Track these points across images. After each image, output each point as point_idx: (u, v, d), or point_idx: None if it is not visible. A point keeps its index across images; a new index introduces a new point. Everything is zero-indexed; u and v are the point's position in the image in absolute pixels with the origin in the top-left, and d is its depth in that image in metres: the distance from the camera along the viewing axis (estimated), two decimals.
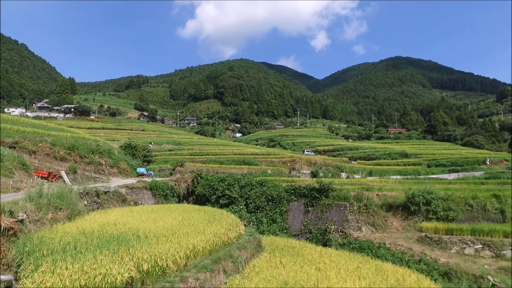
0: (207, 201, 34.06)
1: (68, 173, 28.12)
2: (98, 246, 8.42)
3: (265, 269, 11.40)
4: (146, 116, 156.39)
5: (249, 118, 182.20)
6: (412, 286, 10.30)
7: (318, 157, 65.98)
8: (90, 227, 11.92)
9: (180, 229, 12.49)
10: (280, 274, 10.63)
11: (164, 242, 9.96)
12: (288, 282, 9.66)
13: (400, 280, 10.77)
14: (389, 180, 42.28)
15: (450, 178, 51.62)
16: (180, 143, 78.29)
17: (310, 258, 13.40)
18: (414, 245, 22.42)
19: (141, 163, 46.00)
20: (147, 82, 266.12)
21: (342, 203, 27.07)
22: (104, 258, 7.29)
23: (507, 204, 26.55)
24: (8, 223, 9.66)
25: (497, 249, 21.12)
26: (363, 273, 11.26)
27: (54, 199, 15.19)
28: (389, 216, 27.04)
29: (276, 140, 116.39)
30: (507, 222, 25.51)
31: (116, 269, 6.76)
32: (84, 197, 21.02)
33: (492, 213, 26.17)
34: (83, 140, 36.35)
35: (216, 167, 47.07)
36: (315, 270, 11.35)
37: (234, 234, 13.80)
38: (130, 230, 11.35)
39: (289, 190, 30.33)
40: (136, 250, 8.34)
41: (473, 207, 26.31)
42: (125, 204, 25.60)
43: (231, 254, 11.57)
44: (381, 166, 61.60)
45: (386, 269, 12.19)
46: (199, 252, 10.43)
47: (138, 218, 15.31)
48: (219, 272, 10.01)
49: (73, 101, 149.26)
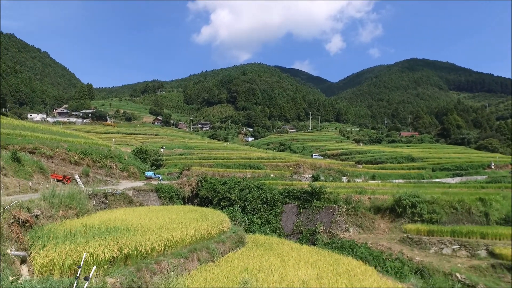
0: (210, 203, 36.26)
1: (81, 176, 30.94)
2: (92, 234, 10.71)
3: (236, 259, 13.45)
4: (161, 121, 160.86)
5: (261, 122, 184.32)
6: (357, 274, 12.13)
7: (323, 161, 67.49)
8: (92, 222, 14.25)
9: (168, 225, 14.69)
10: (246, 263, 12.67)
11: (149, 234, 12.16)
12: (249, 268, 11.69)
13: (348, 270, 12.61)
14: (387, 184, 43.43)
15: (453, 182, 52.26)
16: (191, 148, 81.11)
17: (280, 252, 15.36)
18: (395, 245, 23.94)
19: (150, 167, 48.75)
20: (162, 87, 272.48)
21: (331, 206, 28.79)
22: (94, 242, 9.55)
23: (492, 207, 27.65)
24: (25, 217, 12.07)
25: (473, 249, 22.45)
26: (319, 264, 13.15)
27: (65, 199, 17.66)
28: (377, 218, 28.56)
29: (286, 144, 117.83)
30: (490, 225, 26.67)
31: (101, 250, 9.02)
32: (93, 198, 23.55)
33: (476, 215, 27.33)
34: (95, 146, 39.35)
35: (221, 171, 49.35)
36: (279, 261, 13.32)
37: (216, 230, 15.89)
38: (124, 224, 13.61)
39: (284, 193, 32.25)
40: (122, 238, 10.57)
41: (458, 210, 27.54)
42: (131, 205, 28.07)
43: (208, 246, 13.67)
44: (385, 170, 62.56)
45: (343, 262, 14.01)
46: (178, 243, 12.59)
47: (136, 216, 17.58)
48: (193, 260, 12.12)
49: (90, 107, 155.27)
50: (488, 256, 21.60)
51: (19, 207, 12.25)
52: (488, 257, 21.47)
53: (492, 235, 23.09)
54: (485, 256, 21.70)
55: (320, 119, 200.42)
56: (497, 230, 23.34)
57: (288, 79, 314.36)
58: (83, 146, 37.15)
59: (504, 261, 20.07)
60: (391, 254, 22.25)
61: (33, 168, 24.63)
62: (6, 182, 19.13)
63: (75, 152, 34.61)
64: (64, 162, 32.95)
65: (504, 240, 22.51)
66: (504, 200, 28.98)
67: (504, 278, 19.17)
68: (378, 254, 22.04)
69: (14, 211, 11.37)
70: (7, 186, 18.60)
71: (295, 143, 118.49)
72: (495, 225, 26.47)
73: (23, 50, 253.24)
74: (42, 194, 15.97)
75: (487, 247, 22.06)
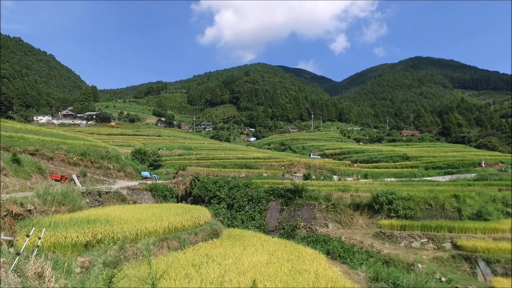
0: (202, 201, 38.06)
1: (79, 176, 32.96)
2: (72, 224, 12.57)
3: (203, 248, 15.23)
4: (164, 122, 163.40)
5: (263, 122, 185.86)
6: (306, 261, 13.82)
7: (318, 161, 69.00)
8: (79, 216, 16.11)
9: (147, 218, 16.52)
10: (211, 251, 14.44)
11: (124, 224, 13.99)
12: (210, 254, 13.46)
13: (299, 257, 14.33)
14: (375, 183, 44.83)
15: (443, 180, 53.55)
16: (190, 148, 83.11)
17: (248, 242, 17.10)
18: (368, 239, 25.53)
19: (148, 167, 50.76)
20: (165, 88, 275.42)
21: (312, 203, 30.44)
22: (71, 230, 11.41)
23: (465, 203, 29.08)
24: (18, 211, 13.98)
25: (439, 242, 23.98)
26: (276, 253, 14.88)
27: (58, 196, 19.57)
28: (356, 215, 30.14)
29: (286, 144, 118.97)
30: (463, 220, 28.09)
31: (75, 235, 10.90)
32: (87, 196, 25.50)
33: (450, 211, 28.77)
34: (94, 147, 41.43)
35: (216, 170, 51.17)
36: (241, 249, 15.07)
37: (191, 223, 17.71)
38: (106, 217, 15.45)
39: (269, 191, 33.97)
40: (98, 227, 12.42)
41: (432, 206, 29.00)
42: (125, 202, 29.94)
43: (179, 237, 15.48)
44: (378, 169, 63.92)
45: (300, 251, 15.71)
46: (151, 233, 14.41)
47: (123, 212, 19.42)
48: (162, 247, 13.93)
49: (95, 109, 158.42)
50: (452, 248, 23.13)
51: (13, 202, 14.16)
52: (451, 249, 23.01)
53: (459, 229, 24.60)
54: (449, 248, 23.23)
55: (323, 119, 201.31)
56: (463, 224, 24.85)
57: (291, 79, 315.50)
58: (81, 147, 39.24)
59: (463, 252, 21.61)
60: (362, 247, 23.86)
61: (32, 168, 26.67)
62: (6, 181, 21.13)
63: (74, 153, 36.67)
64: (64, 163, 35.00)
65: (468, 233, 24.02)
66: (478, 197, 30.46)
67: (462, 267, 20.73)
68: (349, 247, 23.66)
69: (8, 205, 13.27)
70: (7, 185, 20.59)
71: (295, 143, 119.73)
72: (467, 220, 27.94)
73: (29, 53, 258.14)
74: (36, 192, 17.88)
75: (452, 240, 23.59)
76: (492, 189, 35.24)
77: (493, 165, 60.80)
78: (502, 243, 21.66)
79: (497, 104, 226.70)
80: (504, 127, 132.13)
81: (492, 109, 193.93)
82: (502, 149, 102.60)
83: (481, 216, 28.05)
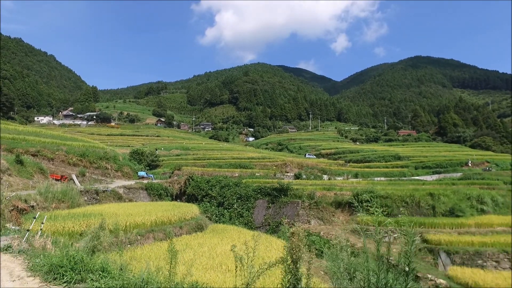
0: (195, 200, 40.06)
1: (78, 176, 35.03)
2: (70, 217, 14.60)
3: (186, 239, 17.25)
4: (163, 122, 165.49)
5: (262, 122, 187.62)
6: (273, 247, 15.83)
7: (311, 160, 70.92)
8: (77, 211, 18.15)
9: (138, 213, 18.55)
10: (192, 241, 16.45)
11: (115, 218, 15.99)
12: (189, 244, 15.48)
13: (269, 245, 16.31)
14: (361, 182, 46.85)
15: (431, 179, 55.46)
16: (188, 148, 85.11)
17: (227, 235, 19.11)
18: (346, 234, 27.46)
19: (144, 167, 52.81)
20: (165, 88, 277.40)
21: (295, 200, 32.43)
22: (69, 221, 13.44)
23: (439, 201, 31.07)
24: (23, 206, 16.04)
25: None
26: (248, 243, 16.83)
27: (58, 194, 21.64)
28: (338, 212, 32.14)
29: (284, 144, 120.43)
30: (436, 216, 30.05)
31: (72, 225, 12.93)
32: (85, 194, 27.55)
33: (424, 208, 30.79)
34: (92, 148, 43.49)
35: (211, 170, 53.14)
36: (218, 240, 17.08)
37: (177, 218, 19.72)
38: (100, 212, 17.47)
39: (257, 189, 35.96)
40: (92, 219, 14.43)
41: (409, 203, 31.00)
42: (121, 201, 32.00)
43: (165, 229, 17.49)
44: (369, 169, 65.81)
45: (272, 241, 17.72)
46: (139, 226, 16.43)
47: (118, 208, 21.45)
48: (148, 238, 15.94)
49: (95, 109, 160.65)
50: (421, 242, 25.08)
51: (18, 199, 16.21)
52: (420, 243, 24.95)
53: (428, 225, 26.56)
54: (419, 242, 25.18)
55: (322, 119, 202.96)
56: (433, 220, 26.88)
57: (290, 79, 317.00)
58: (81, 148, 41.30)
59: (428, 245, 23.59)
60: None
61: (34, 169, 28.75)
62: (10, 181, 23.20)
63: (74, 154, 38.72)
64: (64, 164, 37.06)
65: (437, 229, 26.00)
66: (454, 195, 32.44)
67: (426, 258, 22.70)
68: (326, 241, 25.64)
69: (14, 201, 15.32)
70: (11, 184, 22.64)
71: (293, 143, 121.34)
72: (440, 216, 29.92)
73: (30, 54, 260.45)
74: (38, 190, 19.93)
75: (421, 234, 25.53)
76: (474, 187, 37.24)
77: (479, 164, 62.68)
78: (465, 236, 23.65)
79: (496, 104, 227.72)
80: (499, 126, 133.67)
81: (491, 109, 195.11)
82: (495, 149, 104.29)
83: (453, 213, 30.09)
